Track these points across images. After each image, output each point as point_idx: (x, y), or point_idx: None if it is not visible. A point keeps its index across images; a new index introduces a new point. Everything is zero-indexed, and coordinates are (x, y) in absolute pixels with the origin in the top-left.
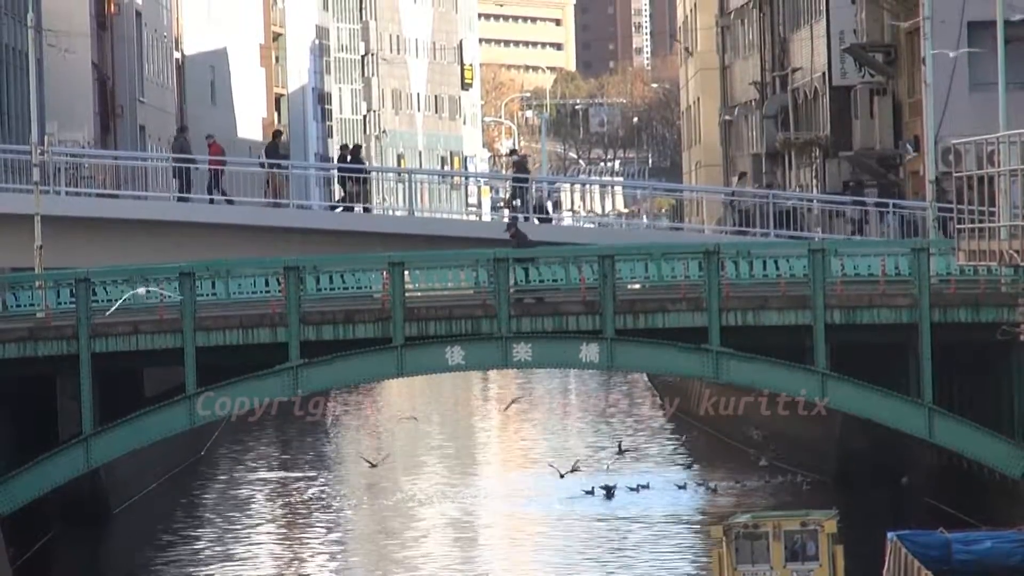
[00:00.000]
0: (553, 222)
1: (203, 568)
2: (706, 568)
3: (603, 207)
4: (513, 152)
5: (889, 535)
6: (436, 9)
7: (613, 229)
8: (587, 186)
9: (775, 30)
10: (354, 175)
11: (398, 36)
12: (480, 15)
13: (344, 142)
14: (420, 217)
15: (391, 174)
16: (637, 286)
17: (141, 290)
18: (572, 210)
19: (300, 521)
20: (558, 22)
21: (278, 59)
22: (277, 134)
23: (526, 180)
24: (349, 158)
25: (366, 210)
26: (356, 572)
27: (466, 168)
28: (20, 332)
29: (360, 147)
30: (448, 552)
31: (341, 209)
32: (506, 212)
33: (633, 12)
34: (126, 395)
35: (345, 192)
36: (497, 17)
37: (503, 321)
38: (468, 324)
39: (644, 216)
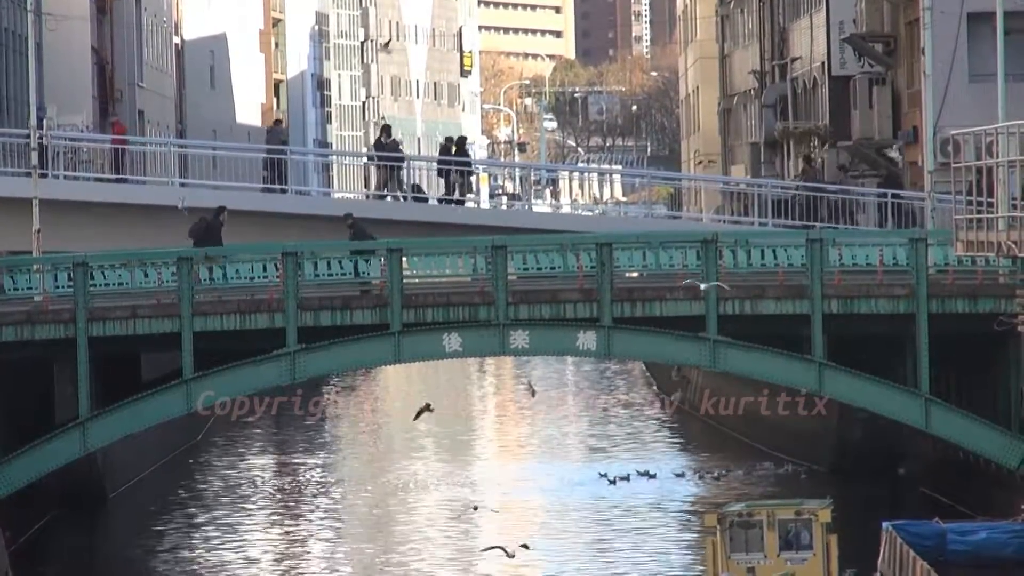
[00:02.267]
0: (551, 209)
1: (199, 553)
2: (700, 557)
3: (601, 195)
4: (386, 130)
5: (884, 525)
6: None
7: (609, 217)
8: (585, 174)
9: (775, 19)
10: (459, 167)
11: (398, 23)
12: (480, 2)
13: (449, 134)
14: (419, 204)
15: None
16: (635, 274)
17: None
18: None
19: (297, 505)
20: (558, 10)
21: (277, 45)
22: (387, 129)
23: (401, 160)
24: (454, 150)
25: (460, 203)
26: (354, 556)
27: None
28: (17, 316)
29: (465, 139)
30: (446, 540)
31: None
32: (503, 198)
33: (633, 0)
34: (123, 379)
35: (448, 184)
36: (497, 4)
37: (501, 308)
38: (466, 311)
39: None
